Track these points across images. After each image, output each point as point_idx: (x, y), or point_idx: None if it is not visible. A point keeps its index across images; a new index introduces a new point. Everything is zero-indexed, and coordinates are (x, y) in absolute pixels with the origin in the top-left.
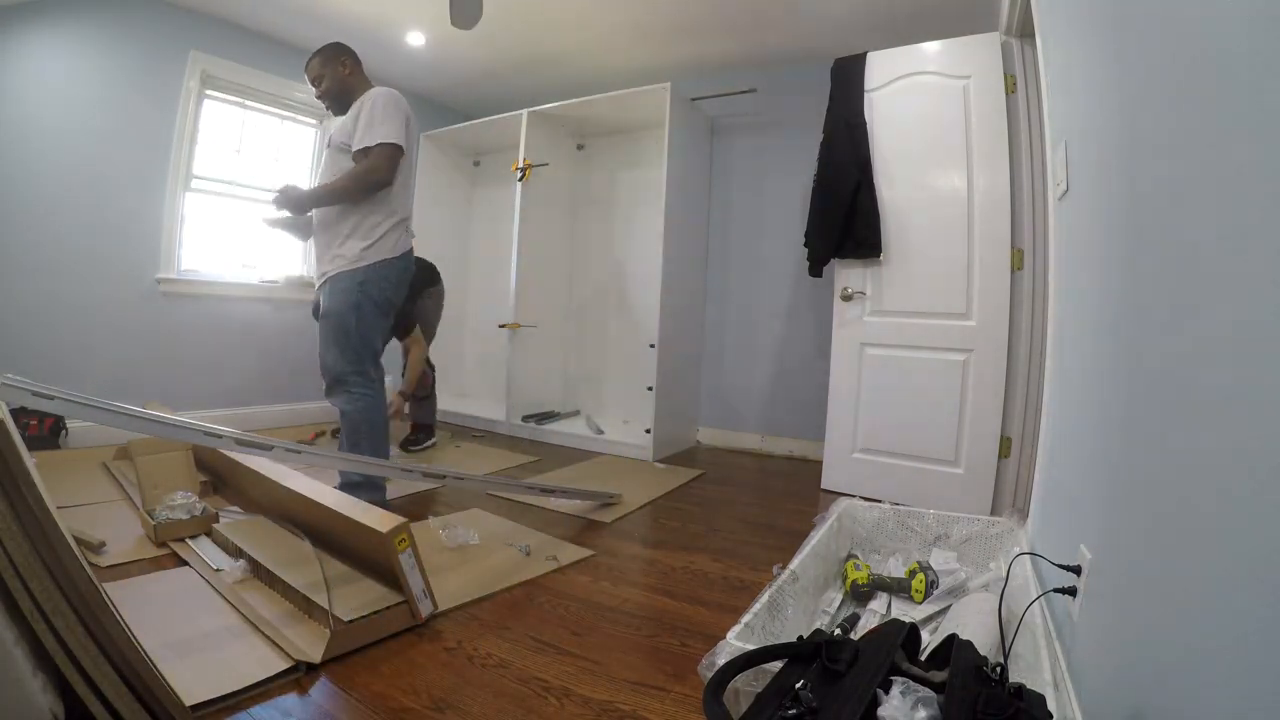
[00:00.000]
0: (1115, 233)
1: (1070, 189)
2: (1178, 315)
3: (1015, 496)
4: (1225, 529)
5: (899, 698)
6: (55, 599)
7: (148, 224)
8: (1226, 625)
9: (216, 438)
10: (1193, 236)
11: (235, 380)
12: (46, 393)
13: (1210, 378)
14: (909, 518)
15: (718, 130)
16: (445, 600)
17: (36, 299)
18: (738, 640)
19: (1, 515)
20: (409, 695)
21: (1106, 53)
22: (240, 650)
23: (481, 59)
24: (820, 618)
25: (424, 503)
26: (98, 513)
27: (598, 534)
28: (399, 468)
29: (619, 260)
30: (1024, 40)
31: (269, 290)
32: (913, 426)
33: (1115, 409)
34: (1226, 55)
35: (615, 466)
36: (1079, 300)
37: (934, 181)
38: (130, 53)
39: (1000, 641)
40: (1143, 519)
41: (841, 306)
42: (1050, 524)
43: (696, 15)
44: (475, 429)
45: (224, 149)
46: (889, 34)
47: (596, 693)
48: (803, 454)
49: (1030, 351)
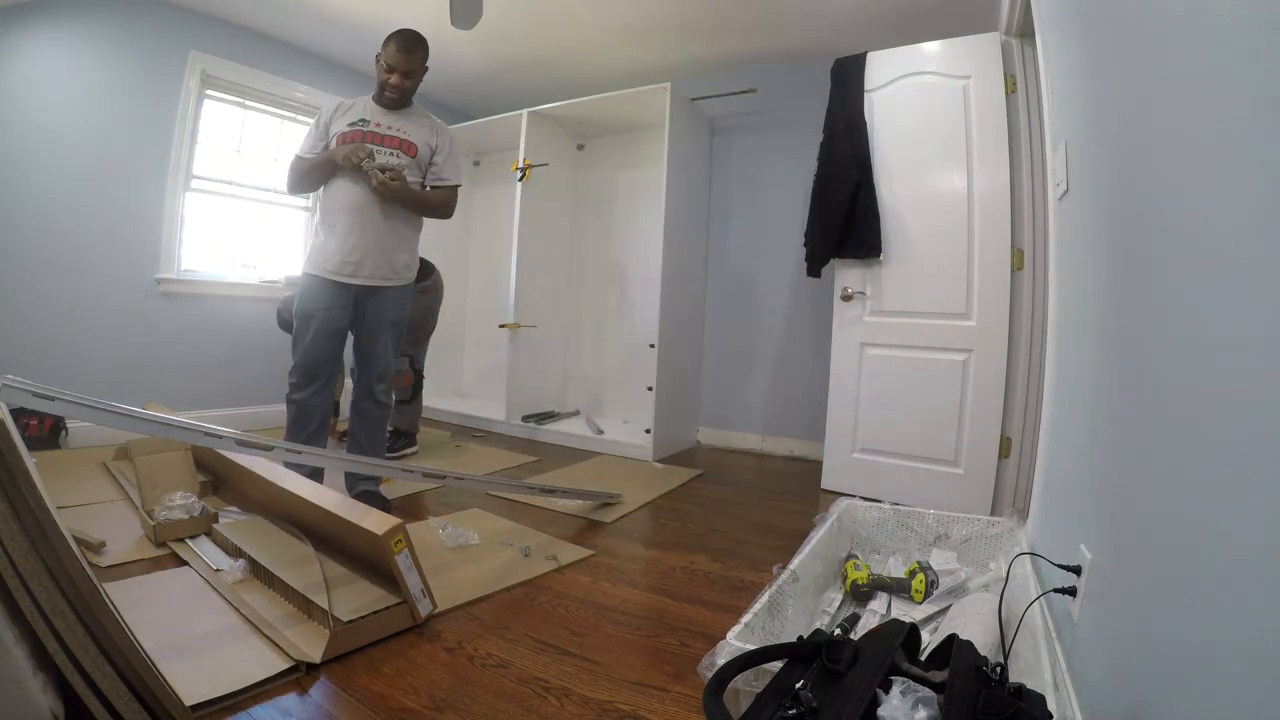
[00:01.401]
0: (1115, 233)
1: (1070, 189)
2: (1177, 315)
3: (1015, 496)
4: (1225, 529)
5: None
6: (55, 599)
7: (148, 224)
8: (1226, 625)
9: (217, 438)
10: (1192, 236)
11: (235, 380)
12: (47, 394)
13: (1210, 377)
14: (909, 518)
15: (718, 130)
16: (445, 600)
17: (36, 298)
18: (738, 640)
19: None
20: (409, 695)
21: (1106, 53)
22: (240, 650)
23: (481, 59)
24: (820, 618)
25: (424, 503)
26: (98, 513)
27: (598, 534)
28: (399, 468)
29: (619, 260)
30: (1024, 40)
31: (269, 290)
32: (912, 426)
33: (1115, 409)
34: (1226, 55)
35: (615, 466)
36: (1079, 300)
37: (934, 182)
38: (130, 53)
39: (1000, 641)
40: (1143, 519)
41: (841, 306)
42: (1050, 524)
43: (697, 15)
44: (475, 429)
45: (224, 149)
46: (889, 34)
47: (596, 693)
48: (803, 454)
49: (1030, 351)
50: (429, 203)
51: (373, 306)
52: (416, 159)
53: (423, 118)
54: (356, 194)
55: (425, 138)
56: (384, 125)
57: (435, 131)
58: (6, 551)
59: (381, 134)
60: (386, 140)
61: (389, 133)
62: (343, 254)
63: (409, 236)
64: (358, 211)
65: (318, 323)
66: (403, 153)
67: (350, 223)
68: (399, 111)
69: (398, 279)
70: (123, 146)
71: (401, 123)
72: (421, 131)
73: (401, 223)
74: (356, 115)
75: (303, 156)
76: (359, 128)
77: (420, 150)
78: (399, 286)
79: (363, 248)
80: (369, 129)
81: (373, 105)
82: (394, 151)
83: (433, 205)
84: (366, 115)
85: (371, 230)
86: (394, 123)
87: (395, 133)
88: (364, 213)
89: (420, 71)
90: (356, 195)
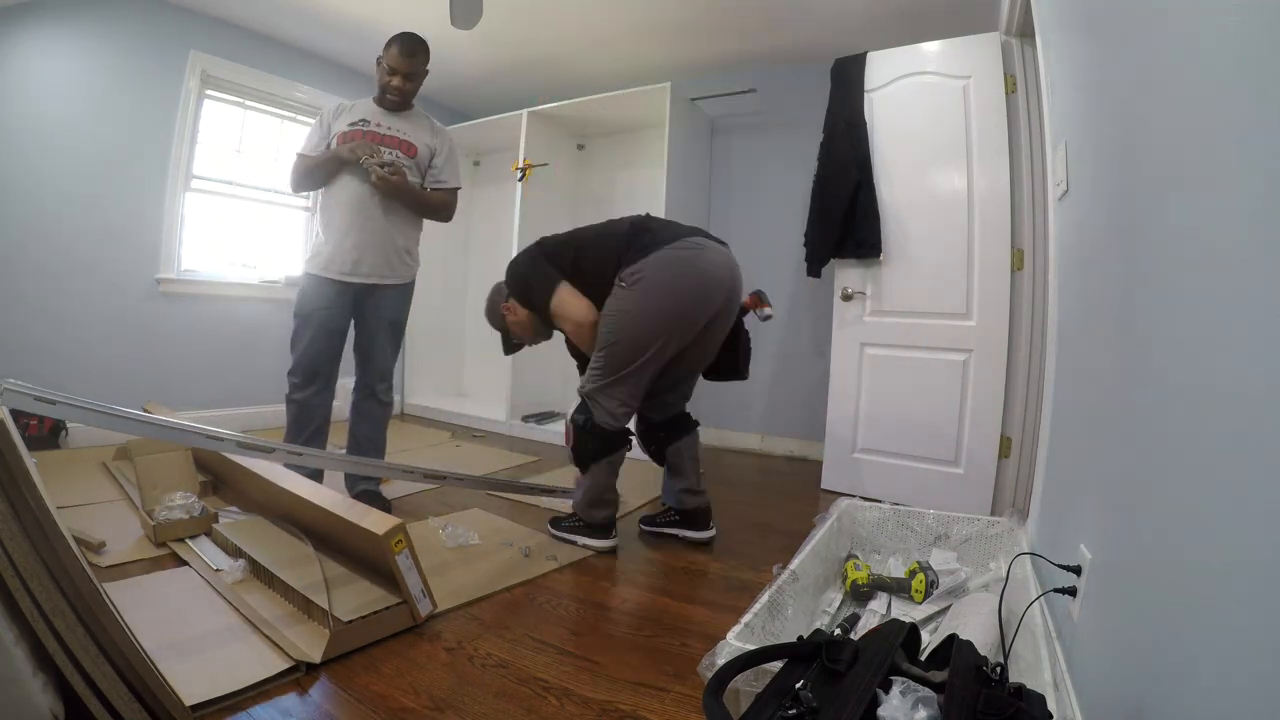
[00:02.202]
0: (1115, 233)
1: (1070, 189)
2: (1178, 315)
3: (1015, 496)
4: (1225, 528)
5: (899, 698)
6: (55, 599)
7: (148, 224)
8: (1227, 625)
9: (218, 441)
10: (1193, 236)
11: (235, 380)
12: (49, 398)
13: (1210, 377)
14: (909, 518)
15: (718, 130)
16: (445, 600)
17: (37, 298)
18: (738, 640)
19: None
20: (409, 695)
21: (1106, 53)
22: (240, 650)
23: (481, 59)
24: (820, 618)
25: (424, 503)
26: (98, 513)
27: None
28: (400, 468)
29: None
30: (1024, 40)
31: (269, 290)
32: (913, 426)
33: (1115, 409)
34: (1225, 54)
35: None
36: (1079, 300)
37: (934, 181)
38: (130, 53)
39: (1000, 641)
40: (1143, 519)
41: (841, 306)
42: (1050, 524)
43: (697, 15)
44: (475, 429)
45: (224, 149)
46: (889, 34)
47: (596, 693)
48: (803, 454)
49: (1030, 351)
50: (428, 203)
51: (371, 305)
52: (416, 160)
53: (423, 120)
54: (356, 192)
55: (425, 139)
56: (384, 126)
57: (435, 134)
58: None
59: (382, 134)
60: (387, 140)
61: (389, 133)
62: (342, 252)
63: (409, 235)
64: (357, 210)
65: (317, 322)
66: (402, 153)
67: (350, 221)
68: (399, 113)
69: (397, 277)
70: (123, 146)
71: (402, 124)
72: (421, 133)
73: (401, 221)
74: (357, 116)
75: (305, 155)
76: (359, 127)
77: (420, 151)
78: (398, 285)
79: (362, 245)
80: (369, 129)
81: (374, 107)
82: (394, 152)
83: (432, 206)
84: (367, 116)
85: (371, 228)
86: (394, 124)
87: (395, 133)
88: (363, 211)
89: (421, 75)
90: (356, 193)
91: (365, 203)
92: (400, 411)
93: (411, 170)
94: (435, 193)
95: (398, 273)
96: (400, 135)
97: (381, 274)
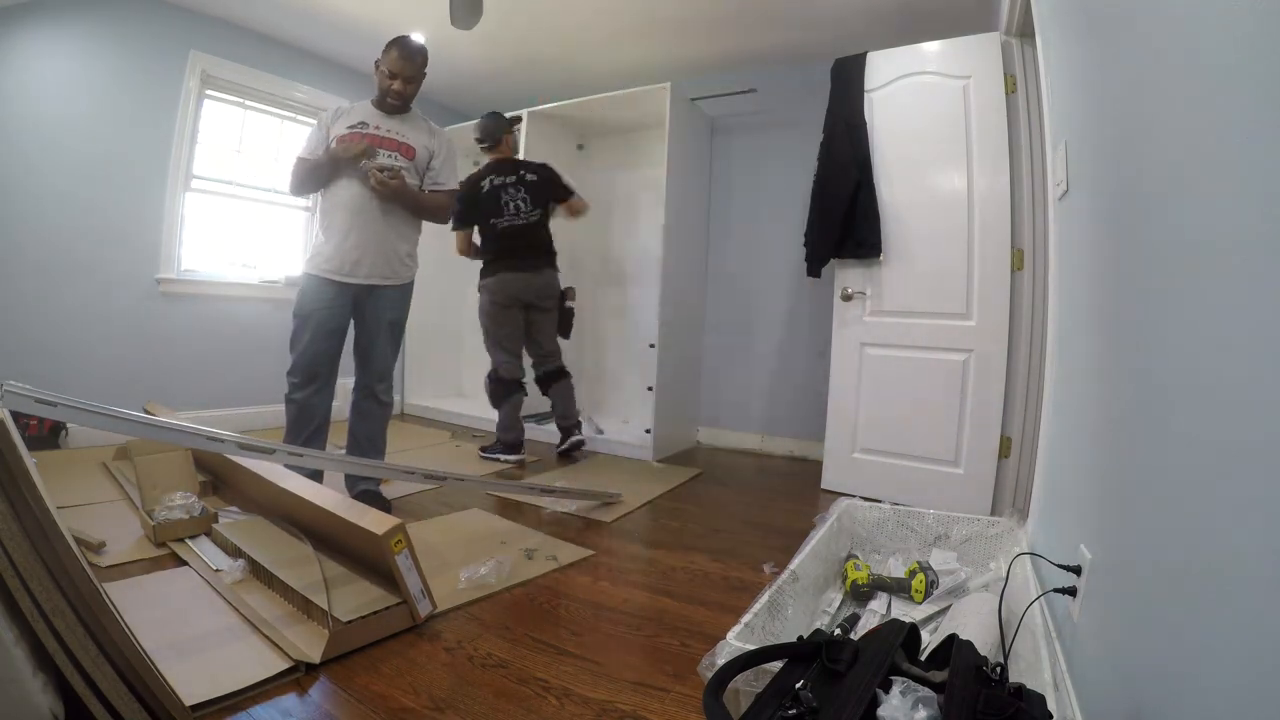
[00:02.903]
0: (1115, 233)
1: (1070, 189)
2: (1178, 315)
3: (1015, 496)
4: (1225, 528)
5: (899, 698)
6: (55, 599)
7: (148, 224)
8: (1226, 625)
9: (219, 442)
10: (1192, 236)
11: (235, 380)
12: (49, 400)
13: (1210, 377)
14: (909, 518)
15: (718, 130)
16: (445, 600)
17: (37, 299)
18: (738, 640)
19: (1, 515)
20: (409, 695)
21: (1106, 53)
22: (240, 650)
23: (481, 59)
24: (820, 618)
25: (424, 503)
26: (98, 513)
27: (598, 534)
28: (400, 468)
29: (619, 260)
30: (1024, 40)
31: (269, 290)
32: (913, 426)
33: (1115, 409)
34: (1226, 54)
35: (615, 466)
36: (1079, 300)
37: (934, 182)
38: (130, 53)
39: (1000, 641)
40: (1143, 519)
41: (841, 306)
42: (1050, 524)
43: (697, 15)
44: (475, 429)
45: (224, 149)
46: (889, 34)
47: (596, 693)
48: (803, 454)
49: (1030, 351)
50: (426, 205)
51: (371, 306)
52: (414, 162)
53: (421, 122)
54: (356, 194)
55: (424, 141)
56: (383, 128)
57: (433, 136)
58: (6, 551)
59: (380, 136)
60: (385, 142)
61: (388, 135)
62: (341, 253)
63: (408, 236)
64: (356, 211)
65: (316, 322)
66: (401, 155)
67: (349, 222)
68: (398, 116)
69: (396, 278)
70: (123, 146)
71: (400, 126)
72: (420, 136)
73: (400, 222)
74: (356, 118)
75: (304, 158)
76: (358, 130)
77: (419, 153)
78: (398, 285)
79: (361, 246)
80: (368, 131)
81: (373, 109)
82: (393, 154)
83: (430, 208)
84: (366, 119)
85: (370, 229)
86: (393, 126)
87: (394, 135)
88: (363, 212)
89: (420, 78)
90: (355, 195)
91: (365, 204)
92: (400, 411)
93: (410, 172)
94: (433, 194)
95: (397, 273)
96: (399, 137)
97: (381, 275)
